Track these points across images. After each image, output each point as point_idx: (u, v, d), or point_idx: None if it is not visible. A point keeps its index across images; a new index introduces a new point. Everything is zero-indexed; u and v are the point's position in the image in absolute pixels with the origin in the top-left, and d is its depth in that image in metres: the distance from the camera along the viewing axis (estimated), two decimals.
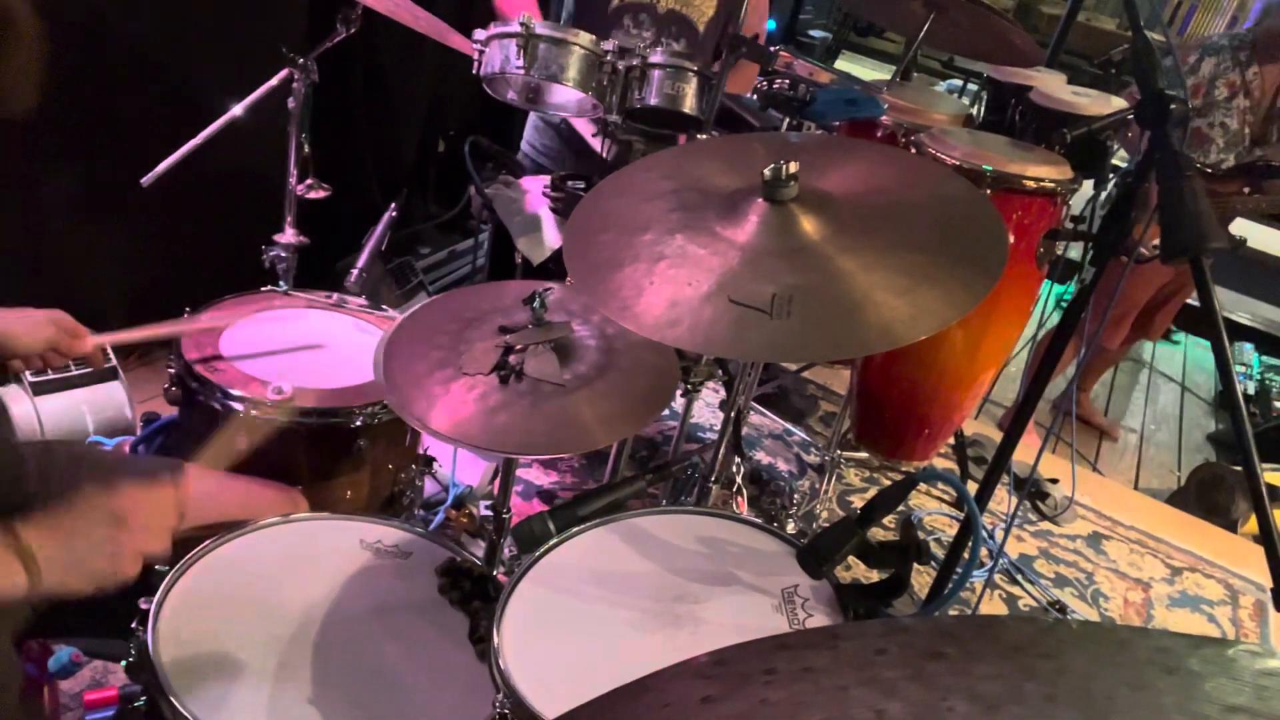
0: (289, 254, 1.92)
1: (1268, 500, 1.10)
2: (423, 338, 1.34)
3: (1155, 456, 3.66)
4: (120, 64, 2.27)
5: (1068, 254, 2.23)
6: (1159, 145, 1.16)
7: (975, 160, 1.94)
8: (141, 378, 2.43)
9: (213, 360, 1.51)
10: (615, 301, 1.11)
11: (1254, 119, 2.89)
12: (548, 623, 1.09)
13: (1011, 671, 0.43)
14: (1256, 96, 2.87)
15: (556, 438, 1.23)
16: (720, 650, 0.48)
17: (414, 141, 3.37)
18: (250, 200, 2.49)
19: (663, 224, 1.19)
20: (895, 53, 7.61)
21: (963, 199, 1.21)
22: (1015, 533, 2.84)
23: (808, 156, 1.19)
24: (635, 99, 1.77)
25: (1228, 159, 2.84)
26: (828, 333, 1.05)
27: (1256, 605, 2.80)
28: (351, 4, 1.74)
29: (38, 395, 2.18)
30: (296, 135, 1.82)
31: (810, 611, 1.13)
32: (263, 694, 1.03)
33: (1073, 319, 1.43)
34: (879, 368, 2.33)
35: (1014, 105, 2.53)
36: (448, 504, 2.08)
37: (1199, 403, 4.30)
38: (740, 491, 1.87)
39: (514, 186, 2.08)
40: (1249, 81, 2.85)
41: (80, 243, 2.37)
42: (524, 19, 1.68)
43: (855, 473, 2.94)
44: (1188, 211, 1.09)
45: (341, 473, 1.54)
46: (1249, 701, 0.39)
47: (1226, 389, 1.14)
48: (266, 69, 1.78)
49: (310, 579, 1.19)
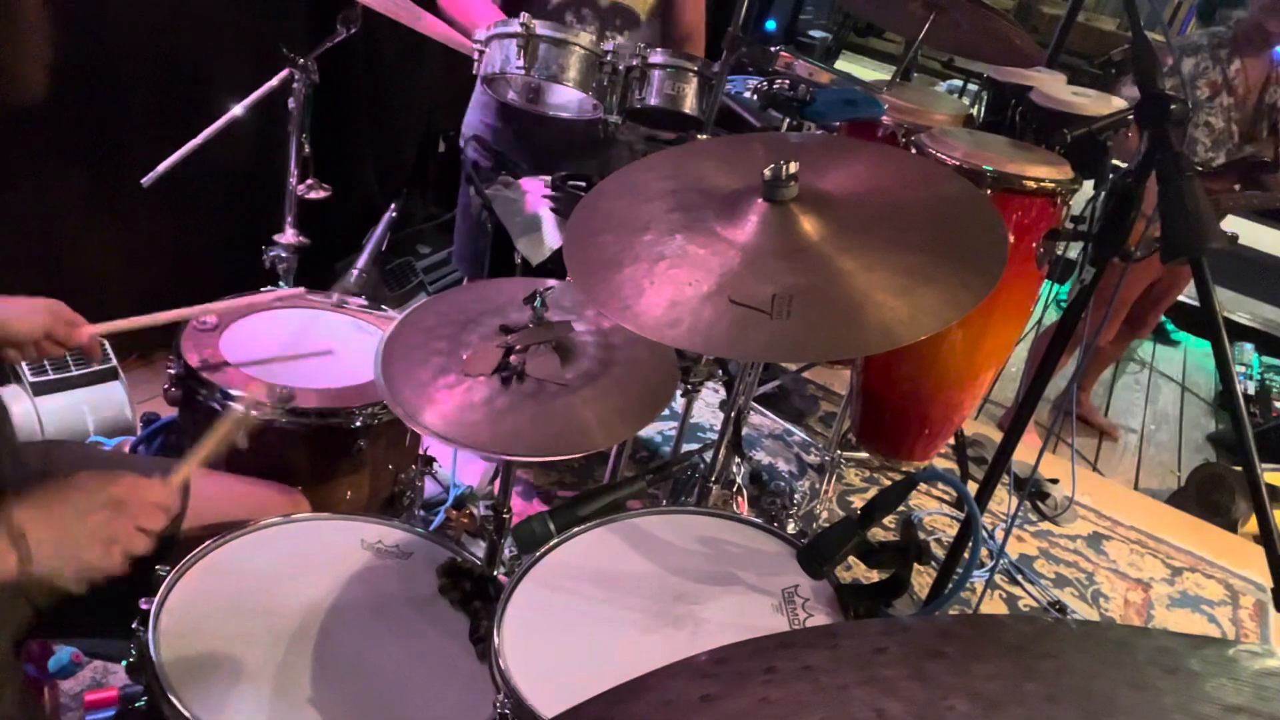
0: (289, 254, 1.92)
1: (1268, 500, 1.10)
2: (422, 339, 1.34)
3: (1155, 456, 3.66)
4: (120, 64, 2.27)
5: (1067, 254, 2.23)
6: (1159, 145, 1.16)
7: (975, 160, 1.94)
8: (141, 378, 2.43)
9: (213, 360, 1.51)
10: (615, 301, 1.11)
11: (1240, 115, 2.84)
12: (548, 623, 1.09)
13: (1011, 671, 0.43)
14: (1240, 93, 2.82)
15: (558, 439, 1.22)
16: (720, 649, 0.48)
17: (414, 141, 3.37)
18: (250, 200, 2.49)
19: (663, 224, 1.19)
20: (895, 53, 7.60)
21: (962, 199, 1.20)
22: (1015, 533, 2.84)
23: (808, 156, 1.19)
24: (635, 99, 1.77)
25: (1217, 157, 2.82)
26: (828, 333, 1.05)
27: (1257, 605, 2.80)
28: (351, 4, 1.74)
29: (38, 395, 2.19)
30: (296, 135, 1.82)
31: (810, 611, 1.13)
32: (263, 694, 1.03)
33: (1073, 319, 1.42)
34: (879, 368, 2.33)
35: (1014, 105, 2.53)
36: (448, 504, 2.08)
37: (1199, 403, 4.29)
38: (740, 491, 1.87)
39: (514, 186, 2.08)
40: (1231, 79, 2.80)
41: (80, 242, 2.38)
42: (524, 20, 1.68)
43: (855, 473, 2.94)
44: (1188, 212, 1.09)
45: (341, 473, 1.54)
46: (1249, 701, 0.39)
47: (1226, 389, 1.14)
48: (266, 69, 1.78)
49: (310, 579, 1.19)
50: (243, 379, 1.48)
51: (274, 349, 1.60)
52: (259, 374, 1.50)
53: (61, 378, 2.21)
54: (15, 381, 2.20)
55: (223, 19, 2.44)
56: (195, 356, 1.51)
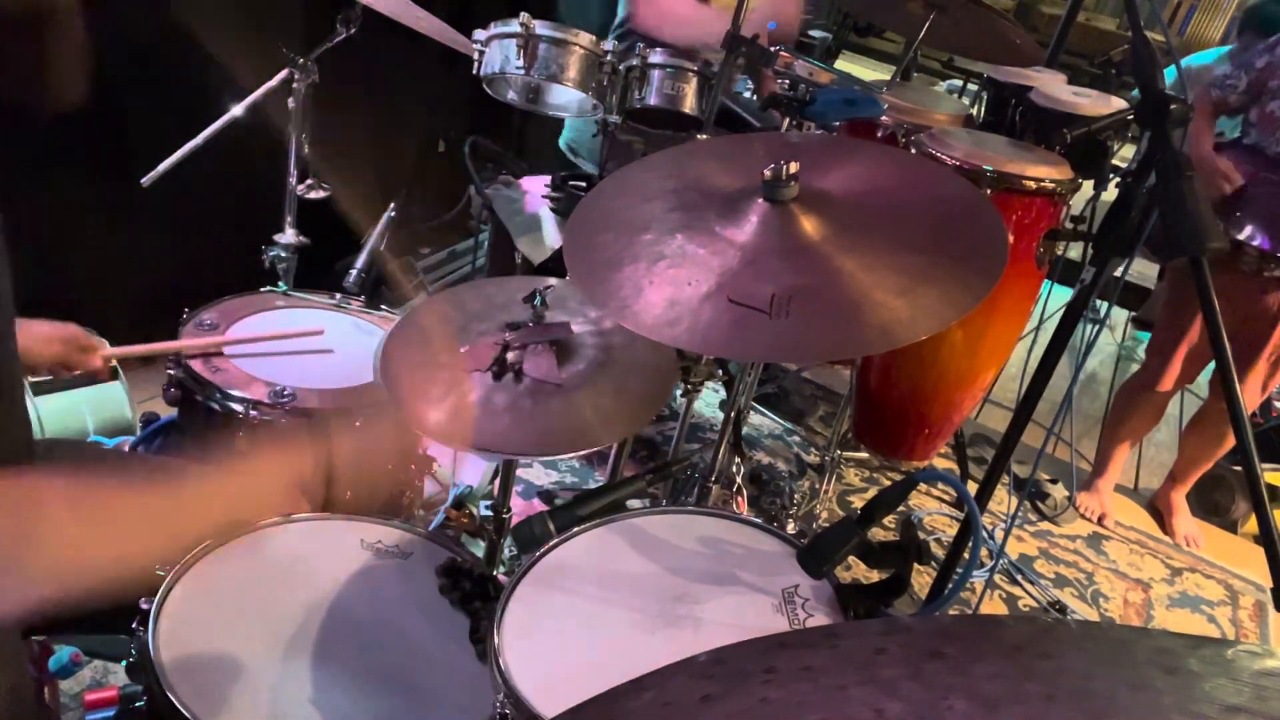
0: (289, 254, 1.92)
1: (1268, 500, 1.10)
2: (422, 339, 1.34)
3: (1155, 457, 3.66)
4: (120, 64, 2.27)
5: (1067, 254, 2.22)
6: (1159, 145, 1.16)
7: (975, 160, 1.94)
8: (141, 378, 2.43)
9: (213, 360, 1.51)
10: (615, 301, 1.11)
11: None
12: (548, 623, 1.09)
13: (1011, 671, 0.43)
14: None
15: (556, 438, 1.23)
16: (720, 649, 0.48)
17: (414, 141, 3.37)
18: (250, 200, 2.49)
19: (663, 224, 1.19)
20: (895, 53, 7.60)
21: (962, 200, 1.20)
22: (1015, 533, 2.85)
23: (808, 157, 1.19)
24: (635, 99, 1.77)
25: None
26: (827, 333, 1.05)
27: (1256, 605, 2.80)
28: (351, 4, 1.74)
29: (37, 395, 2.18)
30: (296, 135, 1.82)
31: (810, 611, 1.13)
32: (263, 694, 1.03)
33: (1073, 319, 1.42)
34: (879, 368, 2.33)
35: (1014, 105, 2.53)
36: (448, 504, 2.08)
37: (1199, 403, 4.29)
38: (740, 491, 1.87)
39: (514, 186, 2.08)
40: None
41: (81, 242, 2.37)
42: (523, 19, 1.68)
43: (855, 473, 2.94)
44: (1188, 211, 1.09)
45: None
46: (1248, 702, 0.39)
47: (1226, 389, 1.14)
48: (266, 69, 1.78)
49: (310, 579, 1.19)
50: (243, 378, 1.48)
51: (274, 348, 1.60)
52: (259, 373, 1.50)
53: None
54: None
55: (222, 19, 2.44)
56: (195, 356, 1.51)
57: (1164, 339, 2.77)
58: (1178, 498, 3.08)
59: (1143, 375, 2.87)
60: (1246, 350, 2.61)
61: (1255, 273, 2.48)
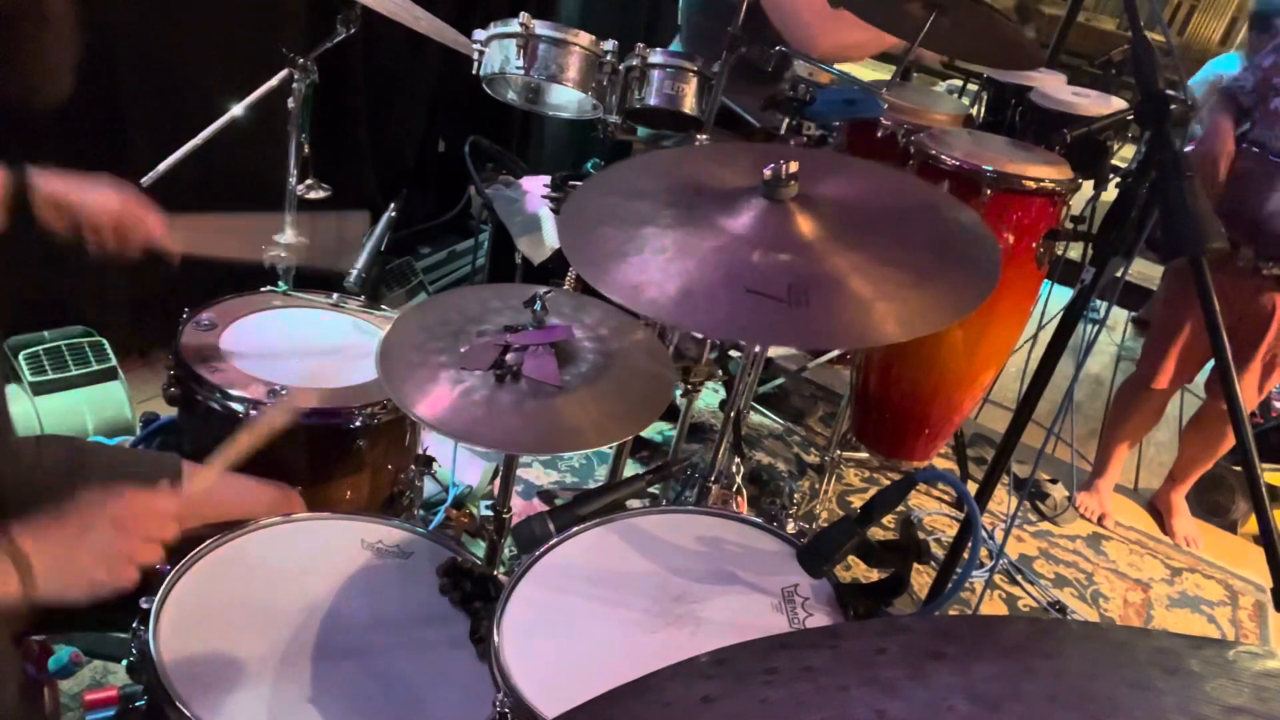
0: (289, 254, 1.92)
1: (1268, 500, 1.10)
2: (422, 338, 1.34)
3: (1155, 457, 3.66)
4: (120, 63, 2.27)
5: (1067, 254, 2.22)
6: (1159, 145, 1.16)
7: (975, 161, 1.94)
8: (141, 378, 2.43)
9: (212, 360, 1.51)
10: (627, 291, 1.11)
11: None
12: (548, 622, 1.09)
13: (1011, 671, 0.43)
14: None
15: (553, 436, 1.22)
16: (720, 650, 0.48)
17: (414, 141, 3.37)
18: (250, 200, 2.48)
19: (662, 218, 1.19)
20: (895, 53, 7.59)
21: (957, 221, 1.21)
22: (1015, 533, 2.85)
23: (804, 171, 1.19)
24: (635, 99, 1.77)
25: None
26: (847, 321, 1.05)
27: (1256, 606, 2.80)
28: (351, 4, 1.74)
29: (37, 395, 2.18)
30: (296, 135, 1.82)
31: (810, 611, 1.13)
32: (263, 694, 1.03)
33: (1072, 320, 1.42)
34: (879, 368, 2.33)
35: (1014, 105, 2.53)
36: (448, 504, 2.08)
37: (1199, 403, 4.28)
38: (740, 491, 1.87)
39: (514, 186, 2.08)
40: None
41: (80, 241, 2.37)
42: (523, 19, 1.68)
43: (855, 473, 2.94)
44: (1188, 211, 1.09)
45: (341, 473, 1.54)
46: (1249, 702, 0.39)
47: (1226, 389, 1.14)
48: (266, 69, 1.78)
49: (310, 579, 1.19)
50: (243, 378, 1.48)
51: (273, 348, 1.60)
52: (259, 373, 1.50)
53: (61, 377, 2.21)
54: (15, 381, 2.20)
55: (223, 19, 2.44)
56: (195, 356, 1.51)
57: (1159, 336, 2.78)
58: (1177, 498, 3.08)
59: (1139, 373, 2.88)
60: (1242, 349, 2.61)
61: (1252, 271, 2.49)
